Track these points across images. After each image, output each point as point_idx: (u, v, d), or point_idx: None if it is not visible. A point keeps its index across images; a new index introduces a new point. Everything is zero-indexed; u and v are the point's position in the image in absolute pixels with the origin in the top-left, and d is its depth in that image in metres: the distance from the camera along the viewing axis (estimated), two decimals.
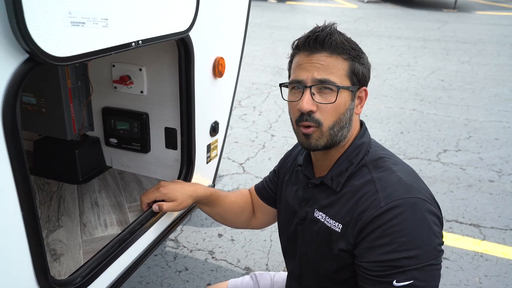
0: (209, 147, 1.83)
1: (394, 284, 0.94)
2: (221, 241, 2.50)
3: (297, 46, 1.08)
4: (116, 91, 1.74)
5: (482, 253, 2.45)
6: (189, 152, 1.67)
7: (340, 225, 1.05)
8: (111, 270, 1.29)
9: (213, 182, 2.01)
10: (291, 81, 1.08)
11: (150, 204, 1.42)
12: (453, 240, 2.55)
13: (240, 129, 4.08)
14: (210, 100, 1.74)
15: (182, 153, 1.68)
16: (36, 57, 0.85)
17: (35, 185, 1.71)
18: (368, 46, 7.06)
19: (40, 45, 0.84)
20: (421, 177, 1.08)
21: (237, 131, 4.03)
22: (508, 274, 2.29)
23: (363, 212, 1.00)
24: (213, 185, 2.01)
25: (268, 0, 12.51)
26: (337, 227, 1.06)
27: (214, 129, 1.80)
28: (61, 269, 1.24)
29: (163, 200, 1.39)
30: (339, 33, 1.05)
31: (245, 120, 4.31)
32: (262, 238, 2.54)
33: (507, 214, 2.82)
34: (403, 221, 0.95)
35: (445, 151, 3.72)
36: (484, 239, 2.57)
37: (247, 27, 1.92)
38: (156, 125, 1.74)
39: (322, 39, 1.02)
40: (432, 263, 0.94)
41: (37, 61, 0.87)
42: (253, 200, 1.48)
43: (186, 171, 1.69)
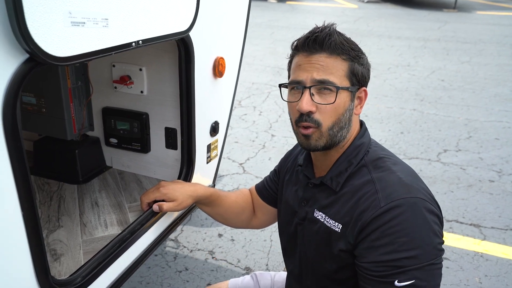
0: (209, 147, 1.83)
1: (395, 284, 0.94)
2: (221, 241, 2.50)
3: (297, 46, 1.08)
4: (116, 91, 1.74)
5: (482, 253, 2.45)
6: (189, 152, 1.67)
7: (340, 225, 1.05)
8: (112, 270, 1.29)
9: (213, 182, 2.01)
10: (291, 82, 1.08)
11: (150, 204, 1.42)
12: (453, 240, 2.55)
13: (240, 129, 4.08)
14: (210, 100, 1.74)
15: (182, 153, 1.68)
16: (36, 57, 0.85)
17: (35, 185, 1.71)
18: (368, 46, 7.06)
19: (40, 45, 0.84)
20: (421, 177, 1.08)
21: (237, 131, 4.03)
22: (508, 274, 2.29)
23: (363, 212, 1.00)
24: (213, 185, 2.01)
25: (268, 0, 12.51)
26: (337, 227, 1.06)
27: (214, 129, 1.80)
28: (62, 269, 1.24)
29: (163, 200, 1.39)
30: (338, 33, 1.05)
31: (245, 120, 4.31)
32: (262, 238, 2.54)
33: (507, 214, 2.82)
34: (404, 221, 0.95)
35: (445, 151, 3.72)
36: (484, 239, 2.56)
37: (247, 27, 1.92)
38: (156, 125, 1.74)
39: (321, 40, 1.02)
40: (432, 262, 0.94)
41: (37, 61, 0.87)
42: (253, 199, 1.48)
43: (186, 171, 1.69)
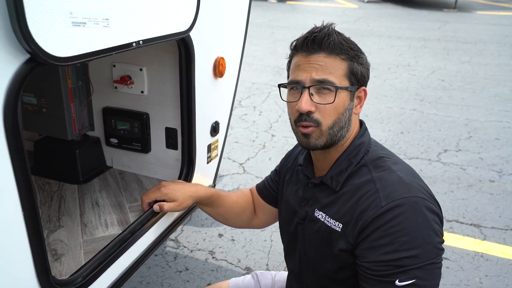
0: (209, 147, 1.83)
1: (396, 283, 0.94)
2: (221, 241, 2.50)
3: (295, 46, 1.08)
4: (116, 91, 1.74)
5: (482, 253, 2.45)
6: (189, 152, 1.67)
7: (340, 224, 1.06)
8: (112, 270, 1.30)
9: (214, 182, 2.01)
10: (290, 82, 1.08)
11: (151, 204, 1.42)
12: (453, 240, 2.55)
13: (240, 129, 4.08)
14: (210, 100, 1.74)
15: (182, 153, 1.68)
16: (37, 58, 0.85)
17: (36, 185, 1.71)
18: (368, 46, 7.06)
19: (41, 45, 0.84)
20: (421, 177, 1.08)
21: (237, 131, 4.03)
22: (508, 274, 2.29)
23: (363, 211, 1.00)
24: (214, 185, 2.01)
25: (268, 0, 12.51)
26: (337, 226, 1.06)
27: (214, 129, 1.81)
28: (62, 269, 1.24)
29: (164, 200, 1.39)
30: (337, 33, 1.05)
31: (246, 120, 4.31)
32: (262, 238, 2.54)
33: (507, 214, 2.82)
34: (404, 220, 0.95)
35: (445, 151, 3.72)
36: (484, 239, 2.56)
37: (248, 27, 1.92)
38: (156, 125, 1.74)
39: (320, 40, 1.02)
40: (433, 261, 0.95)
41: (38, 61, 0.87)
42: (254, 199, 1.48)
43: (186, 171, 1.69)
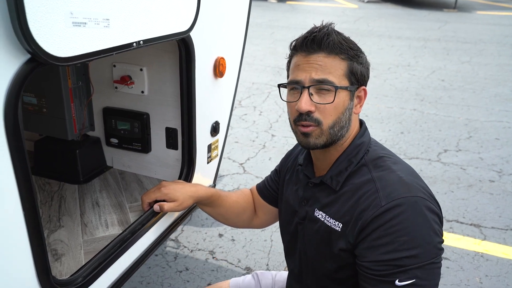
0: (209, 147, 1.83)
1: (396, 283, 0.94)
2: (221, 241, 2.50)
3: (295, 46, 1.08)
4: (117, 91, 1.74)
5: (482, 253, 2.45)
6: (190, 152, 1.67)
7: (340, 224, 1.06)
8: (112, 270, 1.30)
9: (214, 182, 2.01)
10: (289, 82, 1.08)
11: (151, 204, 1.42)
12: (453, 240, 2.55)
13: (240, 129, 4.08)
14: (210, 100, 1.74)
15: (183, 153, 1.68)
16: (38, 58, 0.85)
17: (36, 185, 1.71)
18: (368, 46, 7.07)
19: (42, 45, 0.84)
20: (421, 177, 1.08)
21: (237, 131, 4.03)
22: (508, 274, 2.29)
23: (363, 211, 1.00)
24: (214, 185, 2.01)
25: (268, 0, 12.51)
26: (337, 226, 1.06)
27: (214, 129, 1.81)
28: (63, 269, 1.24)
29: (164, 200, 1.39)
30: (336, 33, 1.05)
31: (246, 120, 4.31)
32: (262, 238, 2.54)
33: (507, 214, 2.82)
34: (404, 220, 0.95)
35: (445, 151, 3.72)
36: (484, 239, 2.57)
37: (248, 27, 1.92)
38: (157, 125, 1.74)
39: (319, 40, 1.02)
40: (433, 261, 0.95)
41: (39, 62, 0.87)
42: (254, 199, 1.48)
43: (187, 171, 1.69)
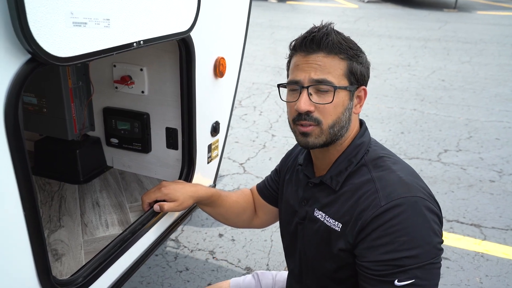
0: (210, 147, 1.83)
1: (395, 283, 0.94)
2: (221, 241, 2.50)
3: (294, 46, 1.08)
4: (117, 91, 1.74)
5: (483, 253, 2.45)
6: (190, 152, 1.67)
7: (339, 224, 1.06)
8: (113, 270, 1.30)
9: (214, 182, 2.01)
10: (289, 82, 1.08)
11: (151, 204, 1.42)
12: (454, 240, 2.55)
13: (240, 129, 4.08)
14: (211, 100, 1.74)
15: (183, 153, 1.68)
16: (38, 58, 0.85)
17: (36, 185, 1.71)
18: (368, 46, 7.06)
19: (42, 45, 0.84)
20: (421, 177, 1.08)
21: (237, 131, 4.03)
22: (509, 274, 2.29)
23: (363, 211, 1.00)
24: (214, 185, 2.01)
25: (268, 0, 12.51)
26: (337, 226, 1.06)
27: (215, 129, 1.81)
28: (63, 269, 1.24)
29: (164, 200, 1.39)
30: (336, 32, 1.05)
31: (246, 120, 4.31)
32: (262, 238, 2.54)
33: (508, 214, 2.82)
34: (404, 220, 0.95)
35: (445, 151, 3.72)
36: (485, 239, 2.56)
37: (248, 27, 1.92)
38: (157, 125, 1.74)
39: (318, 40, 1.02)
40: (432, 261, 0.95)
41: (39, 62, 0.87)
42: (254, 199, 1.48)
43: (187, 171, 1.69)
